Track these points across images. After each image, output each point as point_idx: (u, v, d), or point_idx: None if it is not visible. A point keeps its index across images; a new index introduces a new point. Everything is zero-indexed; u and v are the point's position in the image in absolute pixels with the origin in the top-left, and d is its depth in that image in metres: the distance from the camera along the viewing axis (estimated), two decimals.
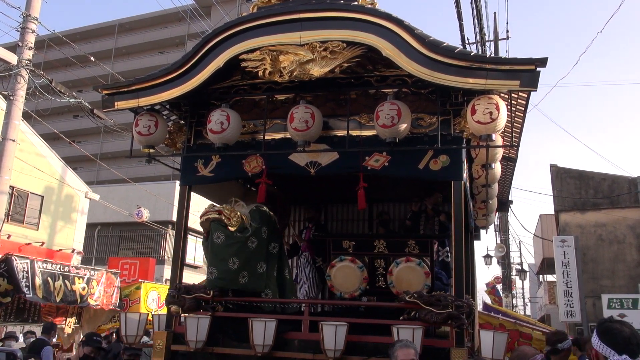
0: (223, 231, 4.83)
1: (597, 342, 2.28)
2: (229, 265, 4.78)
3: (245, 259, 4.87)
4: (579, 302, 12.76)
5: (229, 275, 4.78)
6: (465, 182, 4.73)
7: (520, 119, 5.15)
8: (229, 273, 4.78)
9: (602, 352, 2.24)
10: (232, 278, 4.81)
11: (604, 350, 2.24)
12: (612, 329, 2.27)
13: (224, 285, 4.82)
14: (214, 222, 4.84)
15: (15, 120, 9.72)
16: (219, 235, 4.82)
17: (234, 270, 4.80)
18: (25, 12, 9.90)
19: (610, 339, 2.24)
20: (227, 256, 4.80)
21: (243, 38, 4.62)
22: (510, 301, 25.33)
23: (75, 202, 17.21)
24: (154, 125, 5.01)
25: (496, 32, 16.50)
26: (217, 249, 4.81)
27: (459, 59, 4.09)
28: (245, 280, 4.86)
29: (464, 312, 4.13)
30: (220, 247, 4.81)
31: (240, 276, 4.83)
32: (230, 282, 4.83)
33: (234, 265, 4.79)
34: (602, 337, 2.26)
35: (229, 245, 4.82)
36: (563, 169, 15.92)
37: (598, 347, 2.27)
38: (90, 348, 5.96)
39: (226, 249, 4.81)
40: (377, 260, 5.36)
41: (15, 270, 6.73)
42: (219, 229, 4.83)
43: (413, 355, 3.25)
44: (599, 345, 2.26)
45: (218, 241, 4.82)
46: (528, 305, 36.98)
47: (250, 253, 4.93)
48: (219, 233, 4.83)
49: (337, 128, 4.87)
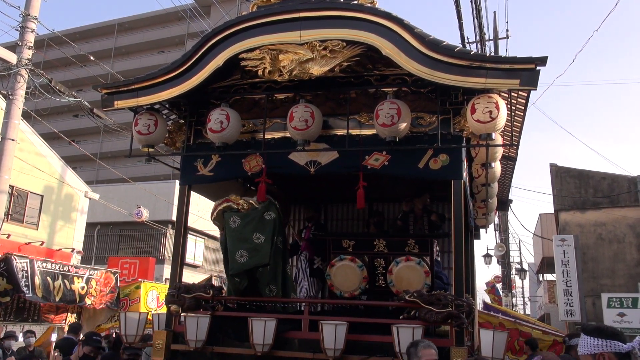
0: (237, 214, 4.84)
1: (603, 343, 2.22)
2: (254, 242, 4.78)
3: (267, 232, 4.88)
4: (579, 301, 12.76)
5: (259, 251, 4.78)
6: (465, 181, 4.73)
7: (520, 118, 5.15)
8: (257, 248, 4.78)
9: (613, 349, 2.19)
10: (264, 252, 4.79)
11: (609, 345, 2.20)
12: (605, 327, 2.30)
13: (259, 260, 4.78)
14: (226, 211, 4.86)
15: (15, 120, 9.72)
16: (234, 220, 4.84)
17: (262, 244, 4.80)
18: (25, 12, 9.89)
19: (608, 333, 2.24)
20: (248, 234, 4.80)
21: (243, 37, 4.61)
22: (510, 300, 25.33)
23: (75, 201, 17.20)
24: (153, 124, 5.01)
25: (496, 31, 16.50)
26: (237, 232, 4.81)
27: (458, 57, 4.08)
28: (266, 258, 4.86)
29: (463, 311, 4.12)
30: (239, 229, 4.82)
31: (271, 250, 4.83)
32: (264, 256, 4.80)
33: (259, 240, 4.79)
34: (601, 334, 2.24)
35: (247, 223, 4.83)
36: (563, 168, 15.92)
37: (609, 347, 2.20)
38: (89, 347, 5.95)
39: (246, 228, 4.82)
40: (377, 259, 5.35)
41: (14, 270, 6.73)
42: (232, 215, 4.85)
43: (435, 356, 3.22)
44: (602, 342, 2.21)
45: (235, 225, 4.83)
46: (528, 305, 37.00)
47: (269, 225, 4.92)
48: (234, 218, 4.85)
49: (336, 127, 4.87)
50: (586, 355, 2.27)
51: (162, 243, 20.82)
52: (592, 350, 2.24)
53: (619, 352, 2.19)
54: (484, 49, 12.75)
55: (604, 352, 2.21)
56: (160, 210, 19.88)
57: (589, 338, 2.26)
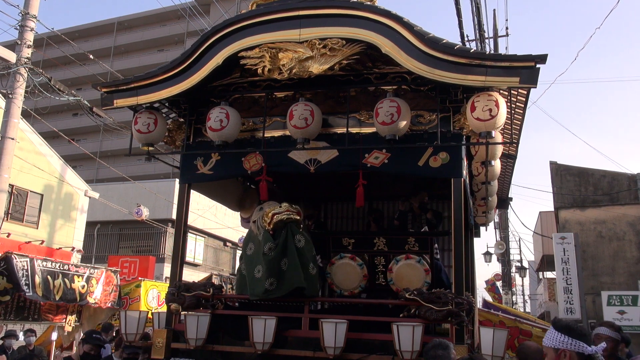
0: (302, 234, 4.60)
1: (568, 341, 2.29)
2: (309, 271, 4.55)
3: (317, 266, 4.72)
4: (579, 299, 12.76)
5: (311, 281, 4.56)
6: (465, 180, 4.73)
7: (519, 115, 5.15)
8: (310, 279, 4.55)
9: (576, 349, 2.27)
10: (314, 285, 4.62)
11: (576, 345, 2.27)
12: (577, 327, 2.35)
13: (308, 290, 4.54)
14: (294, 223, 4.58)
15: (15, 119, 9.71)
16: (299, 238, 4.58)
17: (314, 277, 4.60)
18: (24, 10, 9.88)
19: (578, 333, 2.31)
20: (307, 261, 4.57)
21: (242, 35, 4.61)
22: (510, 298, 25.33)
23: (75, 200, 17.21)
24: (153, 123, 5.01)
25: (496, 29, 16.50)
26: (301, 253, 4.54)
27: (458, 55, 4.08)
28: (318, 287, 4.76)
29: (463, 309, 4.12)
30: (303, 251, 4.56)
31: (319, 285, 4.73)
32: (313, 289, 4.62)
33: (312, 270, 4.58)
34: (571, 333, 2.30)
35: (309, 249, 4.61)
36: (563, 166, 15.91)
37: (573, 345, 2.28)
38: (90, 346, 5.97)
39: (307, 254, 4.58)
40: (377, 257, 5.36)
41: (14, 269, 6.71)
42: (298, 232, 4.58)
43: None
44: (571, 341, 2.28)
45: (300, 245, 4.56)
46: (528, 303, 37.05)
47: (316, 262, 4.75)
48: (299, 236, 4.58)
49: (336, 125, 4.87)
50: (549, 347, 2.34)
51: (162, 242, 20.83)
52: (556, 344, 2.31)
53: (582, 352, 2.25)
54: (484, 47, 12.74)
55: (567, 350, 2.28)
56: (160, 209, 19.89)
57: (557, 333, 2.32)
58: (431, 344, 3.23)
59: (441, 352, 3.11)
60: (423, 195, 6.37)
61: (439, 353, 3.10)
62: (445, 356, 3.08)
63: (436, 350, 3.13)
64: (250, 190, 6.66)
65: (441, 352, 3.11)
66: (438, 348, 3.13)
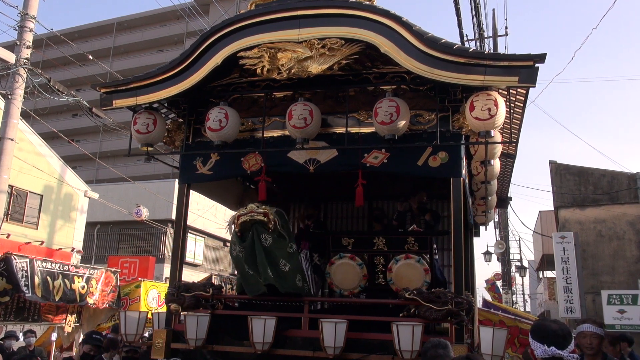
0: (270, 234, 4.65)
1: (530, 341, 2.44)
2: (280, 268, 4.63)
3: (294, 262, 4.76)
4: (579, 299, 12.76)
5: (284, 278, 4.64)
6: (464, 179, 4.73)
7: (518, 115, 5.15)
8: (284, 275, 4.63)
9: (533, 348, 2.40)
10: (290, 281, 4.67)
11: (534, 346, 2.40)
12: (541, 326, 2.46)
13: (282, 287, 4.62)
14: (259, 224, 4.63)
15: (14, 119, 9.70)
16: (266, 238, 4.64)
17: (287, 273, 4.65)
18: (23, 11, 9.87)
19: (539, 334, 2.42)
20: (277, 259, 4.63)
21: (241, 36, 4.61)
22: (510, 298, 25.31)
23: (75, 200, 17.19)
24: (152, 123, 5.01)
25: (495, 29, 16.49)
26: (267, 251, 4.62)
27: (457, 55, 4.08)
28: (301, 283, 4.74)
29: (463, 308, 4.12)
30: (270, 250, 4.62)
31: (297, 279, 4.71)
32: (288, 285, 4.67)
33: (285, 267, 4.64)
34: (533, 335, 2.44)
35: (278, 247, 4.66)
36: (562, 166, 15.90)
37: (532, 344, 2.42)
38: (89, 346, 5.97)
39: (276, 251, 4.65)
40: (376, 257, 5.36)
41: (14, 270, 6.71)
42: (264, 232, 4.64)
43: None
44: (531, 342, 2.42)
45: (266, 244, 4.62)
46: (528, 302, 37.06)
47: (294, 257, 4.80)
48: (266, 235, 4.63)
49: (335, 125, 4.87)
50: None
51: (162, 242, 20.82)
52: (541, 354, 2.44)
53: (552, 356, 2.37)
54: (483, 47, 12.74)
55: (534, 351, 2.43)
56: (160, 209, 19.88)
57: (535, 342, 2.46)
58: (430, 343, 3.22)
59: (441, 351, 3.10)
60: (422, 195, 6.37)
61: (439, 352, 3.09)
62: (445, 355, 3.07)
63: (436, 349, 3.12)
64: (250, 190, 6.67)
65: (441, 351, 3.10)
66: (438, 347, 3.13)
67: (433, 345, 3.17)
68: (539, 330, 2.45)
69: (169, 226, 19.93)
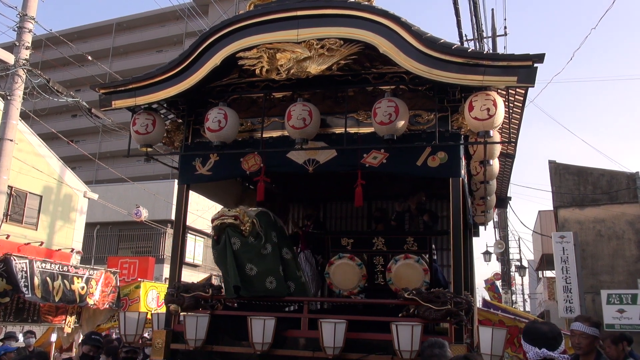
0: (239, 237, 4.72)
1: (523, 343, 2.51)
2: (246, 272, 4.69)
3: (265, 265, 4.78)
4: (578, 298, 12.77)
5: (250, 282, 4.69)
6: (463, 179, 4.73)
7: (517, 115, 5.15)
8: (249, 279, 4.69)
9: (525, 350, 2.47)
10: (257, 285, 4.71)
11: (526, 348, 2.48)
12: (532, 329, 2.53)
13: (248, 292, 4.69)
14: (230, 228, 4.72)
15: (13, 120, 9.70)
16: (234, 242, 4.71)
17: (254, 276, 4.70)
18: (22, 12, 9.87)
19: (531, 337, 2.50)
20: (244, 262, 4.70)
21: (240, 36, 4.61)
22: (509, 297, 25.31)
23: (74, 201, 17.18)
24: (151, 124, 5.00)
25: (494, 29, 16.51)
26: (235, 255, 4.70)
27: (456, 55, 4.08)
28: (274, 285, 4.75)
29: (462, 308, 4.13)
30: (238, 254, 4.71)
31: (268, 282, 4.73)
32: (256, 289, 4.71)
33: (251, 271, 4.70)
34: (525, 337, 2.51)
35: (245, 251, 4.73)
36: (562, 165, 15.91)
37: (524, 347, 2.50)
38: (89, 347, 5.96)
39: (243, 255, 4.71)
40: (375, 257, 5.36)
41: (14, 270, 6.71)
42: (235, 235, 4.72)
43: None
44: (524, 345, 2.49)
45: (235, 247, 4.71)
46: (527, 302, 37.04)
47: (268, 259, 4.83)
48: (235, 239, 4.71)
49: (334, 125, 4.87)
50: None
51: (161, 242, 20.83)
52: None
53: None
54: (482, 47, 12.75)
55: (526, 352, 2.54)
56: (160, 210, 19.88)
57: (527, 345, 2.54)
58: (427, 342, 3.24)
59: (437, 350, 3.11)
60: (420, 195, 6.37)
61: (435, 352, 3.10)
62: (441, 355, 3.08)
63: (432, 349, 3.13)
64: (249, 190, 6.67)
65: (437, 350, 3.11)
66: (434, 347, 3.13)
67: (429, 345, 3.18)
68: (530, 332, 2.52)
69: (168, 227, 19.94)
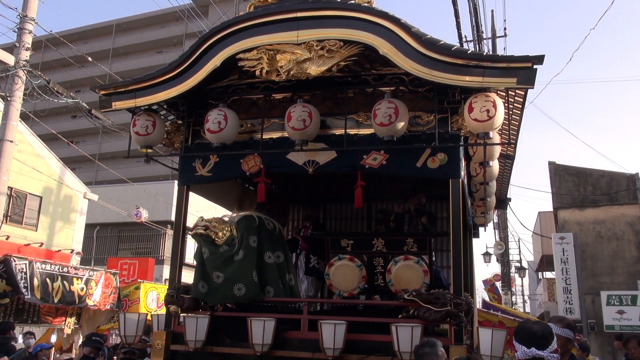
0: (208, 246, 4.82)
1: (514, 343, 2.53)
2: (213, 280, 4.75)
3: (232, 272, 4.77)
4: (578, 299, 12.79)
5: (216, 290, 4.74)
6: (463, 180, 4.74)
7: (517, 116, 5.15)
8: (215, 287, 4.74)
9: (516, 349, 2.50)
10: (222, 292, 4.74)
11: (516, 347, 2.50)
12: (523, 328, 2.55)
13: (214, 300, 4.76)
14: (202, 237, 4.81)
15: (13, 121, 9.71)
16: (204, 250, 4.82)
17: (221, 284, 4.74)
18: (22, 13, 9.88)
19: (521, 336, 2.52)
20: (210, 271, 4.77)
21: (240, 37, 4.61)
22: (509, 299, 25.33)
23: (74, 202, 17.18)
24: (151, 125, 5.01)
25: (494, 30, 16.54)
26: (203, 264, 4.80)
27: (456, 56, 4.08)
28: (243, 292, 4.74)
29: (462, 309, 4.13)
30: (206, 262, 4.80)
31: (236, 288, 4.73)
32: (221, 296, 4.76)
33: (218, 279, 4.74)
34: (516, 337, 2.53)
35: (212, 260, 4.80)
36: (561, 166, 15.93)
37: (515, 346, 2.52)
38: (89, 348, 5.95)
39: (210, 264, 4.79)
40: (375, 258, 5.36)
41: (13, 271, 6.72)
42: (205, 244, 4.82)
43: None
44: (515, 344, 2.52)
45: (205, 256, 4.81)
46: (527, 303, 37.01)
47: (238, 265, 4.81)
48: (205, 248, 4.82)
49: (334, 127, 4.87)
50: None
51: (161, 243, 20.81)
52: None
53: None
54: (482, 48, 12.75)
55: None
56: (159, 211, 19.87)
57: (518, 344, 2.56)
58: (420, 343, 3.29)
59: (427, 349, 3.12)
60: (420, 196, 6.36)
61: (425, 351, 3.11)
62: (431, 353, 3.08)
63: (423, 348, 3.15)
64: (249, 191, 6.67)
65: (427, 349, 3.12)
66: (425, 346, 3.15)
67: (421, 344, 3.22)
68: (520, 332, 2.55)
69: (168, 228, 19.92)
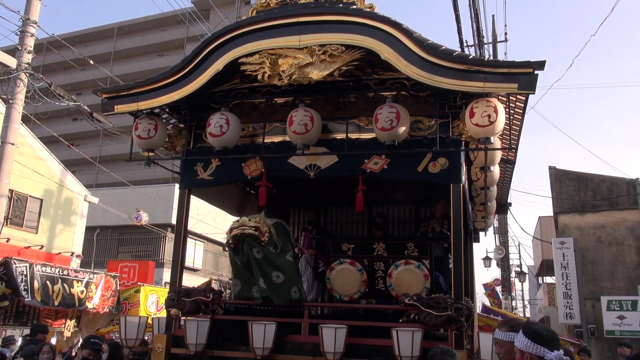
0: (261, 246, 4.72)
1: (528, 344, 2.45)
2: (273, 280, 4.69)
3: (292, 273, 4.79)
4: (579, 304, 12.76)
5: (279, 290, 4.68)
6: (464, 185, 4.75)
7: (518, 121, 5.17)
8: (276, 287, 4.68)
9: (536, 353, 2.43)
10: (284, 292, 4.70)
11: (538, 351, 2.43)
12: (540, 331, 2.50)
13: (277, 299, 4.68)
14: (250, 237, 4.70)
15: (15, 124, 9.73)
16: (258, 250, 4.72)
17: (280, 284, 4.69)
18: (25, 16, 9.91)
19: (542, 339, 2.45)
20: (269, 270, 4.70)
21: (242, 42, 4.63)
22: (509, 303, 25.29)
23: (75, 205, 17.18)
24: (153, 128, 5.02)
25: (495, 35, 16.55)
26: (259, 263, 4.70)
27: (457, 62, 4.10)
28: (297, 295, 4.74)
29: (463, 314, 4.13)
30: (261, 262, 4.70)
31: (292, 291, 4.72)
32: (285, 296, 4.70)
33: (277, 279, 4.69)
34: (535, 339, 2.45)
35: (269, 260, 4.72)
36: (562, 171, 15.93)
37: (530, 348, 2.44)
38: (88, 350, 5.94)
39: (266, 263, 4.71)
40: (376, 262, 5.37)
41: (14, 274, 6.73)
42: (256, 245, 4.71)
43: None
44: (532, 346, 2.44)
45: (259, 256, 4.71)
46: (527, 308, 36.94)
47: (292, 267, 4.84)
48: (257, 249, 4.72)
49: (336, 131, 4.89)
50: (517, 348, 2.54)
51: (161, 246, 20.79)
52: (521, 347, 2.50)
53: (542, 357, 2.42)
54: (483, 53, 12.76)
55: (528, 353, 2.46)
56: (160, 214, 19.86)
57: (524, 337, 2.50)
58: (439, 349, 3.26)
59: (449, 358, 3.16)
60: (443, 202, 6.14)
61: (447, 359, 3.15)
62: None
63: (444, 356, 3.17)
64: (250, 195, 6.68)
65: (449, 358, 3.16)
66: (447, 354, 3.18)
67: (442, 352, 3.22)
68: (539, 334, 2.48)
69: (168, 231, 19.92)
